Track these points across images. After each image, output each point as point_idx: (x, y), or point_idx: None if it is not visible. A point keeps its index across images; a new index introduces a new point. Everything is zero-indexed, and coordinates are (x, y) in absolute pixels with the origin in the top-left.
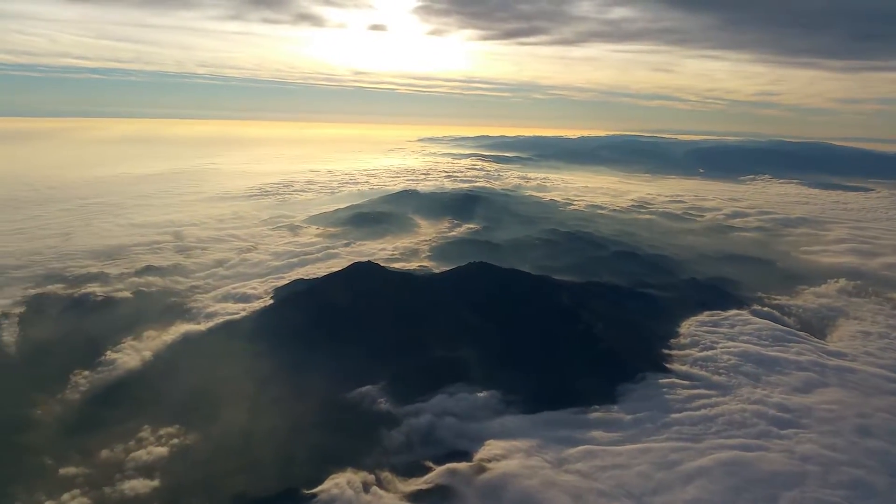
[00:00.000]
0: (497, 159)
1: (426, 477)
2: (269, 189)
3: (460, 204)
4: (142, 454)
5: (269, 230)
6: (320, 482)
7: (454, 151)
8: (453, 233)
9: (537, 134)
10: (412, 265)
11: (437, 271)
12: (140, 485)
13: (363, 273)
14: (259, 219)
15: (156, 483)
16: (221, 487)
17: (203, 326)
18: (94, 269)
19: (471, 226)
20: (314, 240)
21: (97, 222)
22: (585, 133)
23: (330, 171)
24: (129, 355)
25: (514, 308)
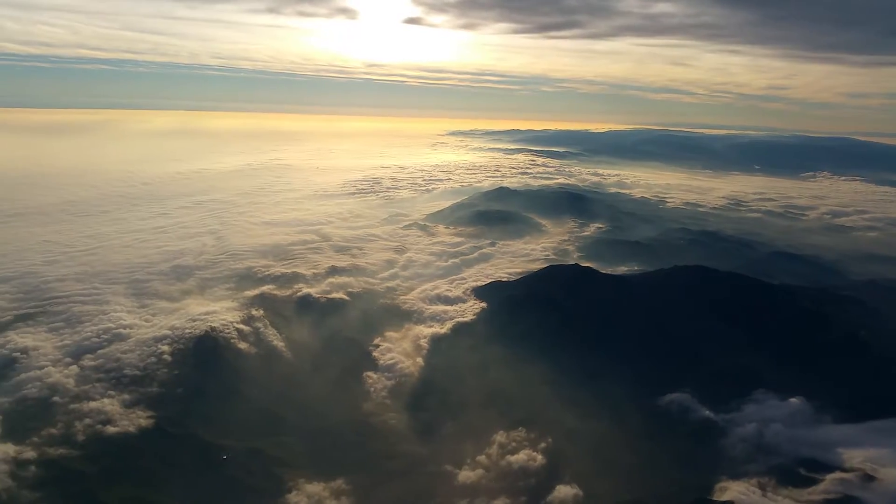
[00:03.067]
0: (548, 154)
1: (821, 487)
2: (363, 186)
3: (567, 202)
4: (521, 458)
5: (401, 229)
6: (710, 490)
7: (499, 146)
8: (586, 232)
9: (549, 127)
10: (561, 263)
11: (631, 274)
12: (567, 492)
13: (569, 275)
14: (379, 217)
15: (576, 490)
16: (619, 493)
17: (443, 329)
18: (282, 270)
19: (598, 225)
20: (456, 239)
21: (230, 221)
22: (594, 127)
23: (401, 167)
24: (400, 357)
25: (757, 313)
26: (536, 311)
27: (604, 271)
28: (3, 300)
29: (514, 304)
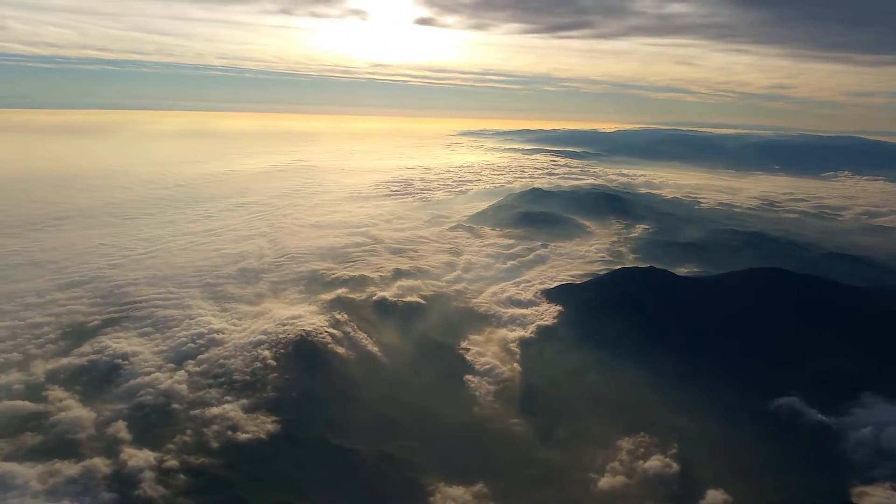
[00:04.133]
0: (566, 154)
1: None
2: (396, 188)
3: (605, 203)
4: (655, 464)
5: (447, 231)
6: (846, 494)
7: (514, 147)
8: (633, 234)
9: (555, 127)
10: (634, 266)
11: (706, 276)
12: (717, 497)
13: (644, 277)
14: (422, 219)
15: (725, 496)
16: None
17: (527, 332)
18: (348, 273)
19: (644, 226)
20: (506, 241)
21: (277, 223)
22: (599, 126)
23: (426, 168)
24: (495, 361)
25: (841, 314)
26: (620, 313)
27: (701, 278)
28: (82, 305)
29: (593, 306)
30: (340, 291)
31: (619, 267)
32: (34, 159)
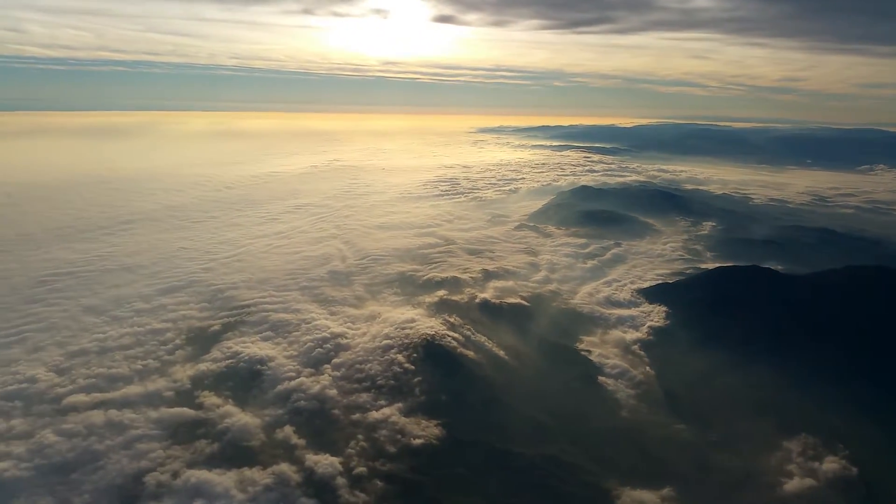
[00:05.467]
0: (597, 151)
1: None
2: (444, 187)
3: (662, 200)
4: (834, 467)
5: (513, 231)
6: None
7: (541, 143)
8: (703, 231)
9: (572, 123)
10: (713, 265)
11: (810, 273)
12: None
13: (747, 276)
14: (482, 219)
15: None
16: None
17: (642, 333)
18: (439, 274)
19: (711, 224)
20: (578, 240)
21: (343, 225)
22: (610, 121)
23: (465, 167)
24: (623, 363)
25: None
26: (733, 312)
27: (800, 275)
28: (191, 310)
29: (703, 306)
30: (440, 294)
31: (716, 266)
32: (74, 163)
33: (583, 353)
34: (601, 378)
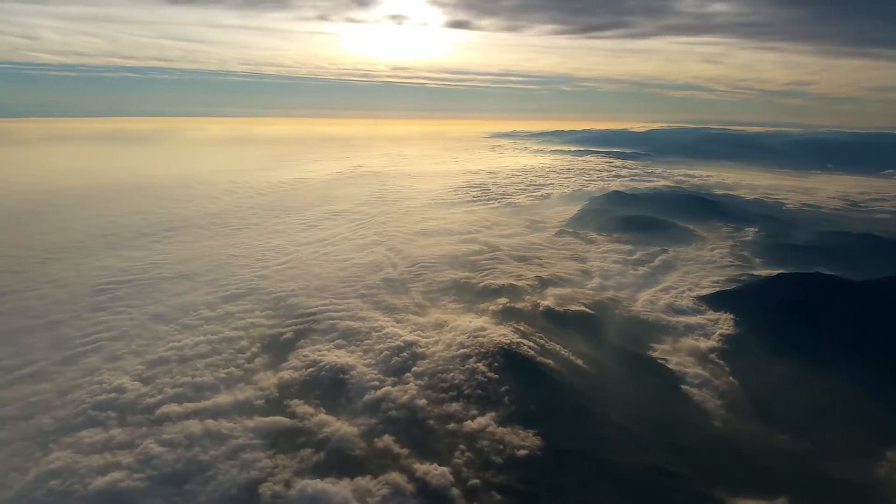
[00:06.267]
0: (617, 156)
1: None
2: (475, 193)
3: (698, 206)
4: None
5: (554, 237)
6: None
7: (559, 148)
8: (746, 237)
9: (581, 127)
10: (764, 271)
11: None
12: None
13: (812, 282)
14: (520, 225)
15: None
16: None
17: (714, 342)
18: (494, 281)
19: (753, 229)
20: (623, 247)
21: (384, 231)
22: (620, 125)
23: (490, 172)
24: (703, 372)
25: None
26: (805, 320)
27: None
28: (258, 318)
29: (772, 314)
30: (502, 301)
31: (773, 272)
32: (101, 169)
33: (660, 361)
34: (684, 387)
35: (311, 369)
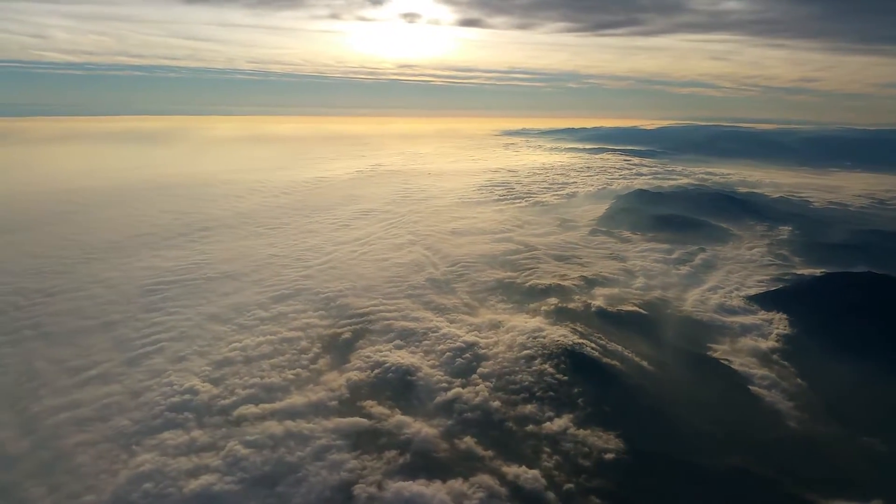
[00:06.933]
0: (633, 153)
1: None
2: (499, 192)
3: (728, 204)
4: None
5: (588, 236)
6: None
7: (573, 146)
8: (782, 236)
9: (596, 125)
10: (807, 270)
11: None
12: None
13: (866, 282)
14: (551, 224)
15: None
16: None
17: (773, 342)
18: (539, 281)
19: (787, 228)
20: (660, 246)
21: (417, 231)
22: (626, 122)
23: (510, 171)
24: (769, 373)
25: None
26: (863, 319)
27: None
28: (312, 318)
29: (827, 313)
30: (553, 301)
31: (820, 272)
32: (121, 168)
33: (723, 362)
34: (753, 388)
35: (377, 370)
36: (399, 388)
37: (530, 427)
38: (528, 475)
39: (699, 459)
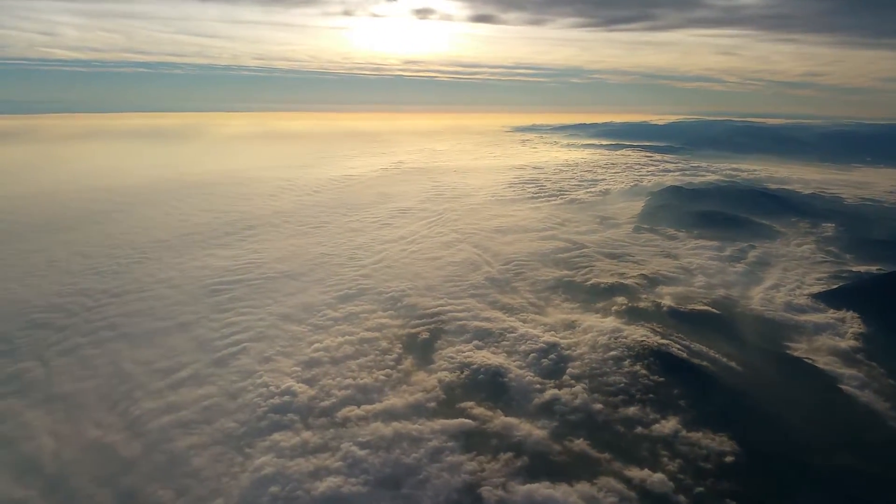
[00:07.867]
0: (652, 149)
1: None
2: (531, 189)
3: (767, 201)
4: None
5: (632, 233)
6: None
7: (589, 142)
8: (826, 233)
9: (607, 120)
10: (862, 267)
11: None
12: None
13: None
14: (592, 221)
15: None
16: None
17: (851, 341)
18: (600, 280)
19: (830, 225)
20: (708, 243)
21: (459, 229)
22: (632, 117)
23: (536, 168)
24: (856, 373)
25: None
26: None
27: None
28: (382, 318)
29: None
30: (621, 300)
31: (878, 269)
32: (147, 167)
33: (807, 361)
34: (844, 388)
35: (466, 371)
36: (492, 389)
37: (639, 430)
38: (654, 479)
39: (812, 459)
